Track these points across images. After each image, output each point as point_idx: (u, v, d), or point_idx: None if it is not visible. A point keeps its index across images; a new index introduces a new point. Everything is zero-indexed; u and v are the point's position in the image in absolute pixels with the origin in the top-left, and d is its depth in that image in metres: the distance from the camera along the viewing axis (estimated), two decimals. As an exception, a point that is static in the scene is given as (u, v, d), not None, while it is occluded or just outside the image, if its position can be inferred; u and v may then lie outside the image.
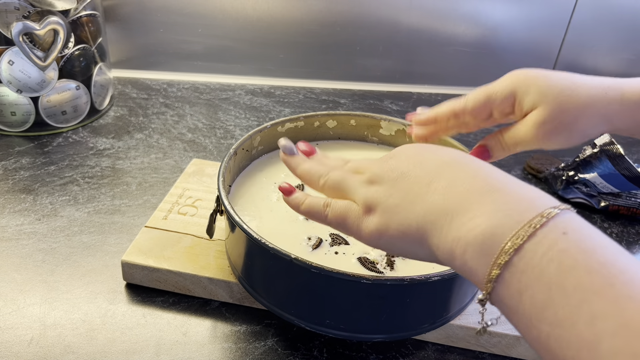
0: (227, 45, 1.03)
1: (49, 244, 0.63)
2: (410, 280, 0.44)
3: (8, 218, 0.66)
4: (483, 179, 0.34)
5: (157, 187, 0.73)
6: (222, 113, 0.93)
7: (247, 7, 0.99)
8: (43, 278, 0.58)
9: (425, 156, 0.38)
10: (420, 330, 0.51)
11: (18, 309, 0.55)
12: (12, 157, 0.77)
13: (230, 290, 0.56)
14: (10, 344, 0.51)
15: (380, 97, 1.03)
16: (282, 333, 0.54)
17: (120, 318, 0.54)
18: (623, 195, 0.74)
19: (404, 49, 1.04)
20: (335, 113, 0.69)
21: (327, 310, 0.48)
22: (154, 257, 0.57)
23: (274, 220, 0.56)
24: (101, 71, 0.87)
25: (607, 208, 0.74)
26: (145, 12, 0.99)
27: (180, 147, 0.82)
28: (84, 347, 0.51)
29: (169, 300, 0.57)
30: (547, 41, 1.04)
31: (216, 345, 0.53)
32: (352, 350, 0.53)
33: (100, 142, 0.82)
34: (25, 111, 0.81)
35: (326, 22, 1.01)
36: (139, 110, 0.92)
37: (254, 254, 0.50)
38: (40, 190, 0.71)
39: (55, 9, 0.77)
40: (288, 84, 1.04)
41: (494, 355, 0.54)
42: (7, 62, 0.77)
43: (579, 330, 0.25)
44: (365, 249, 0.53)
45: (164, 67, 1.04)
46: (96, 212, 0.68)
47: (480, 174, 0.34)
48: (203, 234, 0.58)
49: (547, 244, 0.28)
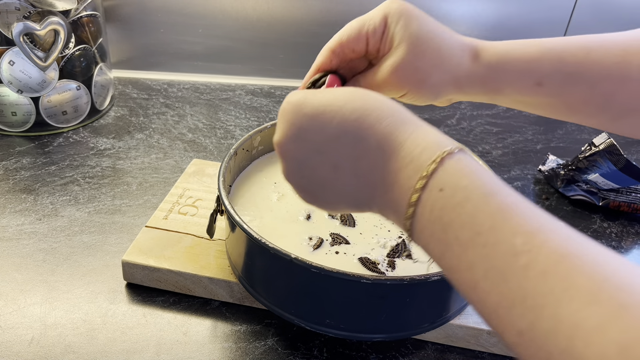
0: (227, 45, 1.03)
1: (49, 244, 0.63)
2: (410, 280, 0.45)
3: (9, 218, 0.66)
4: (376, 149, 0.34)
5: (158, 187, 0.73)
6: (223, 113, 0.93)
7: (247, 7, 0.99)
8: (44, 278, 0.58)
9: (313, 131, 0.37)
10: (420, 330, 0.51)
11: (19, 308, 0.55)
12: (13, 157, 0.77)
13: (231, 290, 0.56)
14: (11, 343, 0.51)
15: (380, 97, 1.03)
16: (282, 333, 0.54)
17: (121, 318, 0.55)
18: (623, 192, 0.75)
19: (404, 49, 1.04)
20: (335, 113, 0.69)
21: (327, 310, 0.48)
22: (154, 257, 0.57)
23: (274, 220, 0.56)
24: (102, 71, 0.87)
25: (607, 205, 0.74)
26: (146, 13, 0.99)
27: (181, 147, 0.83)
28: (84, 346, 0.51)
29: (169, 300, 0.57)
30: (547, 41, 1.04)
31: (216, 345, 0.53)
32: (352, 350, 0.53)
33: (100, 142, 0.82)
34: (25, 111, 0.81)
35: (326, 22, 1.01)
36: (140, 110, 0.92)
37: (254, 253, 0.50)
38: (40, 190, 0.71)
39: (56, 10, 0.77)
40: (288, 84, 1.04)
41: (494, 355, 0.54)
42: (7, 63, 0.77)
43: (463, 276, 0.29)
44: (366, 250, 0.53)
45: (165, 67, 1.04)
46: (97, 212, 0.68)
47: (372, 142, 0.34)
48: (203, 233, 0.59)
49: (430, 206, 0.31)
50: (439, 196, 0.31)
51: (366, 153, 0.34)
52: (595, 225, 0.73)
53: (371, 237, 0.55)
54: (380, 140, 0.34)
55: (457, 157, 0.31)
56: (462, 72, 0.43)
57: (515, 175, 0.83)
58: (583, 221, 0.74)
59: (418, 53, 0.42)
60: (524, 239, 0.27)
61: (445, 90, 0.44)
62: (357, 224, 0.56)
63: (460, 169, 0.31)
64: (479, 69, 0.44)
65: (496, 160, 0.86)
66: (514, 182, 0.81)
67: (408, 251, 0.54)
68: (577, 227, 0.73)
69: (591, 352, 0.23)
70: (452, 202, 0.30)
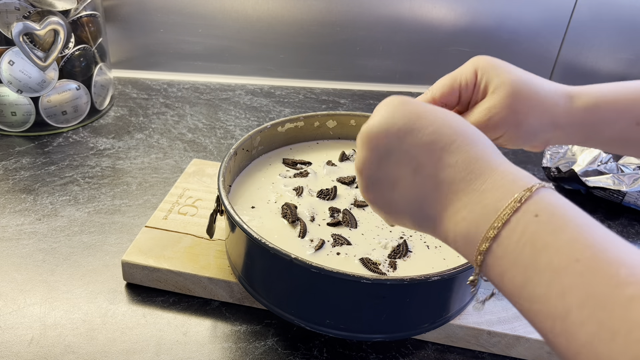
0: (227, 45, 1.03)
1: (49, 244, 0.63)
2: (410, 280, 0.45)
3: (8, 218, 0.66)
4: (465, 164, 0.34)
5: (157, 187, 0.73)
6: (222, 113, 0.93)
7: (247, 7, 0.99)
8: (43, 278, 0.58)
9: (409, 131, 0.37)
10: (420, 330, 0.51)
11: (18, 308, 0.55)
12: (13, 157, 0.77)
13: (231, 290, 0.56)
14: (11, 343, 0.51)
15: (380, 97, 1.03)
16: (282, 333, 0.54)
17: (121, 318, 0.55)
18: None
19: (404, 49, 1.04)
20: (335, 113, 0.69)
21: (327, 310, 0.48)
22: (154, 257, 0.57)
23: (274, 220, 0.56)
24: (101, 71, 0.87)
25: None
26: (146, 12, 0.99)
27: (181, 147, 0.83)
28: (84, 346, 0.51)
29: (169, 300, 0.57)
30: (547, 41, 1.04)
31: (216, 345, 0.53)
32: (352, 350, 0.53)
33: (100, 142, 0.82)
34: (25, 111, 0.81)
35: (326, 22, 1.01)
36: (139, 110, 0.92)
37: (254, 254, 0.50)
38: (40, 190, 0.71)
39: (56, 9, 0.77)
40: (288, 84, 1.04)
41: (494, 355, 0.54)
42: (7, 62, 0.77)
43: (551, 305, 0.28)
44: (367, 250, 0.53)
45: (164, 67, 1.04)
46: (96, 212, 0.68)
47: (464, 158, 0.35)
48: (203, 234, 0.58)
49: (520, 229, 0.30)
50: (533, 220, 0.30)
51: (451, 167, 0.34)
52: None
53: (372, 238, 0.55)
54: (470, 160, 0.34)
55: (550, 191, 0.32)
56: (560, 112, 0.45)
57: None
58: (583, 221, 0.74)
59: (516, 96, 0.44)
60: (629, 270, 0.26)
61: (542, 132, 0.45)
62: (359, 224, 0.56)
63: (554, 200, 0.31)
64: (577, 109, 0.45)
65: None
66: (514, 182, 0.81)
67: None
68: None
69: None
70: (547, 227, 0.29)
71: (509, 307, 0.55)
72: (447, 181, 0.34)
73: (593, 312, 0.26)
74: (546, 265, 0.28)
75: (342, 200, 0.60)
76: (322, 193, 0.60)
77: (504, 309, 0.55)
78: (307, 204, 0.58)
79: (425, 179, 0.35)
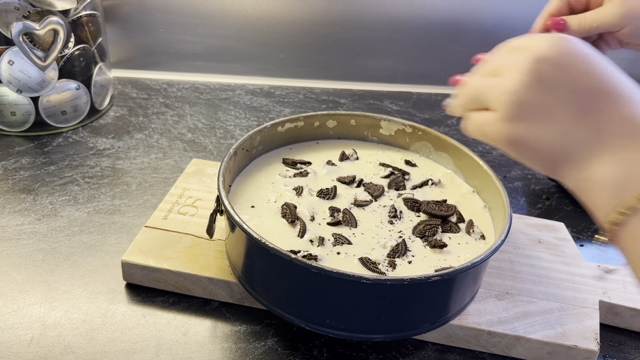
0: (227, 45, 1.03)
1: (49, 244, 0.63)
2: (410, 281, 0.44)
3: (8, 218, 0.66)
4: (632, 121, 0.35)
5: (157, 187, 0.73)
6: (222, 113, 0.93)
7: (247, 7, 0.99)
8: (43, 278, 0.58)
9: (581, 73, 0.37)
10: (420, 330, 0.51)
11: (18, 308, 0.55)
12: (12, 157, 0.77)
13: (230, 290, 0.56)
14: (10, 343, 0.51)
15: (380, 97, 1.03)
16: (282, 333, 0.54)
17: (120, 318, 0.54)
18: None
19: (404, 48, 1.04)
20: (335, 113, 0.69)
21: (327, 310, 0.48)
22: (154, 257, 0.57)
23: (274, 220, 0.56)
24: (101, 71, 0.87)
25: None
26: (145, 12, 0.99)
27: (180, 147, 0.83)
28: (84, 347, 0.51)
29: (169, 300, 0.57)
30: (547, 41, 1.04)
31: (216, 345, 0.53)
32: (352, 350, 0.53)
33: (100, 142, 0.82)
34: (25, 111, 0.81)
35: (326, 22, 1.01)
36: (139, 110, 0.92)
37: (254, 253, 0.50)
38: (40, 190, 0.71)
39: (55, 9, 0.77)
40: (288, 84, 1.04)
41: (494, 355, 0.54)
42: (7, 62, 0.77)
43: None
44: (366, 250, 0.53)
45: (164, 67, 1.04)
46: (96, 212, 0.68)
47: (629, 114, 0.35)
48: (203, 234, 0.58)
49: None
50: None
51: (617, 120, 0.35)
52: (595, 225, 0.73)
53: (372, 237, 0.55)
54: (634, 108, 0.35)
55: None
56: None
57: (515, 175, 0.83)
58: (583, 221, 0.74)
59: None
60: None
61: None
62: (359, 224, 0.56)
63: None
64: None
65: (496, 160, 0.86)
66: (514, 182, 0.81)
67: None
68: (578, 226, 0.73)
69: None
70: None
71: (510, 307, 0.55)
72: (610, 131, 0.35)
73: None
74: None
75: (342, 200, 0.60)
76: (322, 192, 0.60)
77: (504, 309, 0.55)
78: (307, 204, 0.58)
79: (589, 123, 0.35)
